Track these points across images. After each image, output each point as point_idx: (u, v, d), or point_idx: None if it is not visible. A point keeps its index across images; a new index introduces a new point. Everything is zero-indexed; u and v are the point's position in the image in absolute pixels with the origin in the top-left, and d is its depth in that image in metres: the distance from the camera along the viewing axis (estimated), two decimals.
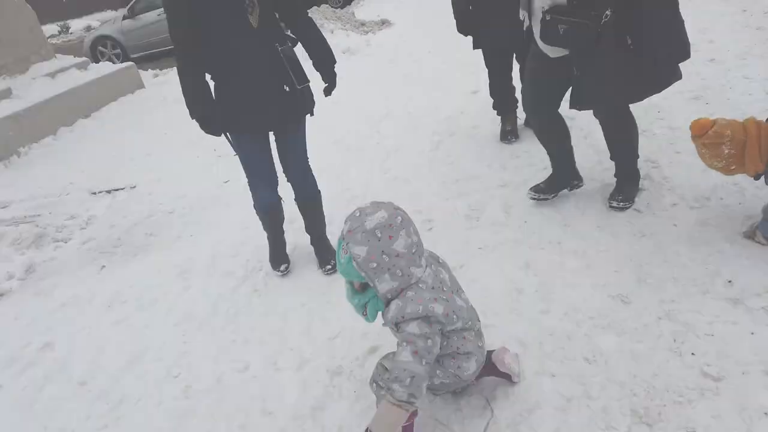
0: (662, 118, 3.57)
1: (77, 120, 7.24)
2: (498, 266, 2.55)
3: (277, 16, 2.48)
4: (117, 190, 4.87)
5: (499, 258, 2.61)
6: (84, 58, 8.57)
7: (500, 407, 1.85)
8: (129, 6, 12.77)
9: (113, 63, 9.49)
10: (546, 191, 2.89)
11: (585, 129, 3.53)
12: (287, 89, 2.46)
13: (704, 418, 1.69)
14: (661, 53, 2.28)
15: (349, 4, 13.96)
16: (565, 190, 2.94)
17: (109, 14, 21.63)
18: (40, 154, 6.38)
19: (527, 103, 2.77)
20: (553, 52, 2.46)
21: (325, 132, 4.93)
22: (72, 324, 2.88)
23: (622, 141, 2.75)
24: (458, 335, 1.69)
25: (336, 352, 2.27)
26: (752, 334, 1.93)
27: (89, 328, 2.81)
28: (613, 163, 2.83)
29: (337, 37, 8.45)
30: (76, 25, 23.16)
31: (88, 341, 2.70)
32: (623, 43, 2.28)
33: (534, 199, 2.89)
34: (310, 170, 2.83)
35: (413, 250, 1.56)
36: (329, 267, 2.80)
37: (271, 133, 2.66)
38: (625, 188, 2.78)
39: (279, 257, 2.94)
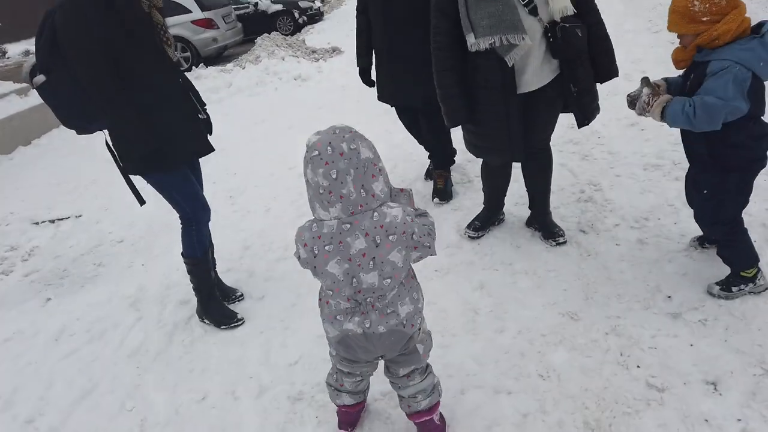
0: (602, 144, 3.78)
1: (17, 147, 6.98)
2: (454, 288, 2.62)
3: None
4: (61, 219, 4.70)
5: (454, 280, 2.69)
6: (25, 84, 8.29)
7: (459, 425, 1.90)
8: None
9: None
10: (482, 228, 3.01)
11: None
12: (202, 117, 2.54)
13: (651, 427, 1.78)
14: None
15: (299, 31, 14.12)
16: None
17: None
18: None
19: (500, 145, 2.63)
20: (539, 81, 2.46)
21: (280, 158, 4.96)
22: (16, 360, 2.75)
23: (547, 177, 2.82)
24: (324, 289, 1.64)
25: (296, 378, 2.27)
26: (691, 346, 2.06)
27: (35, 364, 2.69)
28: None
29: (288, 64, 8.53)
30: (14, 49, 22.34)
31: (35, 377, 2.58)
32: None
33: (472, 237, 2.99)
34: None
35: (319, 191, 1.47)
36: (234, 297, 2.90)
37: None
38: (552, 223, 2.87)
39: (227, 310, 2.75)
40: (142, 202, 2.57)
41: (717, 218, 2.18)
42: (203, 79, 8.60)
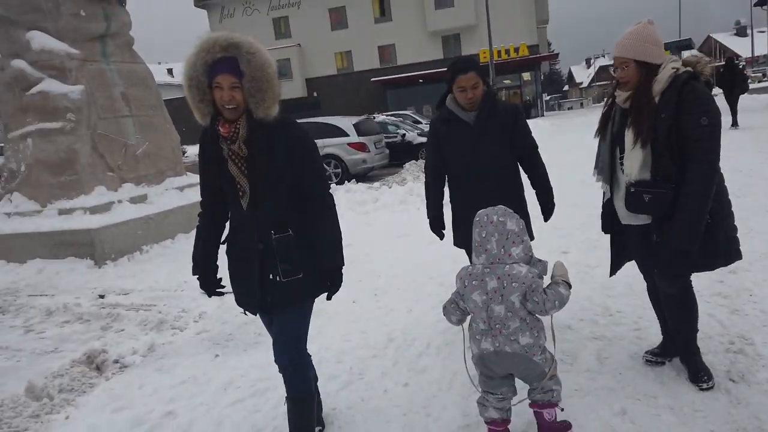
0: (755, 302, 3.73)
1: (193, 229, 8.12)
2: (594, 410, 2.70)
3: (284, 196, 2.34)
4: (226, 293, 5.36)
5: (594, 402, 2.76)
6: None
7: None
8: None
9: None
10: (661, 355, 3.04)
11: None
12: (274, 278, 2.30)
13: None
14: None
15: None
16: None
17: None
18: (158, 254, 7.15)
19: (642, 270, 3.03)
20: (634, 219, 2.78)
21: (421, 268, 5.34)
22: (191, 399, 3.19)
23: (678, 314, 2.87)
24: (469, 311, 2.37)
25: None
26: None
27: (207, 405, 3.11)
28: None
29: None
30: (192, 150, 26.29)
31: (207, 416, 2.99)
32: None
33: (649, 362, 3.04)
34: (301, 364, 2.53)
35: (474, 244, 2.32)
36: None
37: None
38: (701, 366, 2.85)
39: None
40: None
41: None
42: (353, 193, 9.57)
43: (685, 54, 22.70)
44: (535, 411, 2.47)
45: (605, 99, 2.97)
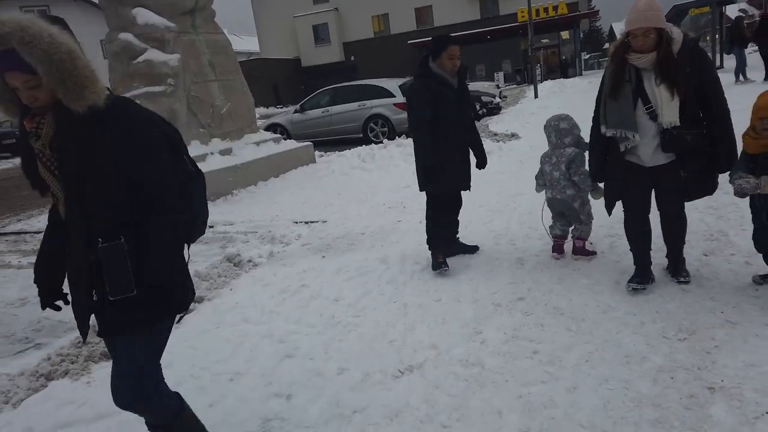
0: (737, 210, 4.78)
1: (270, 177, 9.46)
2: (604, 271, 3.88)
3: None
4: (313, 222, 6.68)
5: (603, 266, 3.94)
6: (279, 135, 11.09)
7: None
8: (300, 103, 15.87)
9: None
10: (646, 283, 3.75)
11: None
12: (95, 298, 1.93)
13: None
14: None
15: (478, 121, 16.17)
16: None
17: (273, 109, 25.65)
18: (246, 196, 8.53)
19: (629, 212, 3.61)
20: (654, 161, 3.27)
21: (472, 203, 6.52)
22: (315, 278, 4.51)
23: (681, 232, 3.59)
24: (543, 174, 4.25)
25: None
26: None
27: (328, 282, 4.41)
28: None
29: None
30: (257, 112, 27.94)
31: (330, 287, 4.29)
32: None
33: (635, 289, 3.64)
34: (141, 397, 2.04)
35: (546, 137, 4.17)
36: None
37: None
38: (683, 268, 3.71)
39: None
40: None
41: None
42: (404, 147, 10.73)
43: (728, 9, 22.68)
44: (574, 241, 4.23)
45: (609, 64, 3.32)
